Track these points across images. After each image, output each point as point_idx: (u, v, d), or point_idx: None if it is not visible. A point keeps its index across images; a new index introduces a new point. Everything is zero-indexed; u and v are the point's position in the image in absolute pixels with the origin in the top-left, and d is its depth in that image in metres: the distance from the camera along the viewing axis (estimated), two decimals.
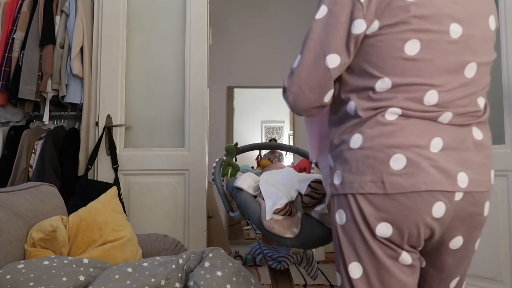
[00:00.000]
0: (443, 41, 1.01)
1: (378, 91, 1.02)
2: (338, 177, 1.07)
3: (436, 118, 1.01)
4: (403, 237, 1.01)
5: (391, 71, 1.00)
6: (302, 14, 4.68)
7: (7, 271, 1.34)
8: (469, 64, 1.03)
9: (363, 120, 1.03)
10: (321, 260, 4.32)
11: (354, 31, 1.01)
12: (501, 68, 2.42)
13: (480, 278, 2.46)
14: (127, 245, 1.81)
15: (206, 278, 1.39)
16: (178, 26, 2.94)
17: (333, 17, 1.02)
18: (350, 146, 1.04)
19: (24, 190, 1.78)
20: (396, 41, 0.99)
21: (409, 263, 1.03)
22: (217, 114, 4.55)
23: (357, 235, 1.03)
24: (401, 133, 0.99)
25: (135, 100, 2.91)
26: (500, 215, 2.40)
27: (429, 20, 0.99)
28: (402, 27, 0.99)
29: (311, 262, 1.80)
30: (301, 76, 1.06)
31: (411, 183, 0.97)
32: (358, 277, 1.03)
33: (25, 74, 2.66)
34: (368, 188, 1.00)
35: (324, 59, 1.03)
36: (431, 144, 0.99)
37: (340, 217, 1.07)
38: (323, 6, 1.04)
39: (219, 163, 1.91)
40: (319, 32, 1.04)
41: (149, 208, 2.80)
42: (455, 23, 1.01)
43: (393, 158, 0.99)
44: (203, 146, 2.85)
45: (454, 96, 1.02)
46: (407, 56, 0.99)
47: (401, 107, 1.00)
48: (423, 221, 0.99)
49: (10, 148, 2.76)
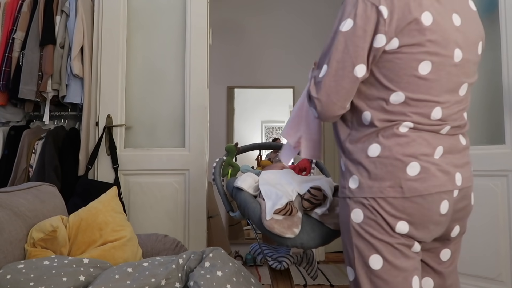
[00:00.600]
0: (448, 64, 1.14)
1: (392, 103, 1.14)
2: (354, 181, 1.18)
3: (439, 130, 1.16)
4: (418, 232, 1.15)
5: (405, 86, 1.12)
6: (302, 14, 4.69)
7: (7, 271, 1.34)
8: (463, 85, 1.19)
9: (379, 129, 1.15)
10: (321, 260, 4.32)
11: (375, 45, 1.11)
12: (501, 68, 2.42)
13: (480, 278, 2.46)
14: (127, 245, 1.81)
15: (206, 278, 1.39)
16: (178, 26, 2.94)
17: (359, 30, 1.10)
18: (368, 155, 1.16)
19: (24, 190, 1.78)
20: (412, 61, 1.11)
21: (418, 250, 1.18)
22: (217, 114, 4.55)
23: (376, 231, 1.15)
24: (414, 143, 1.13)
25: (135, 100, 2.92)
26: (500, 215, 2.40)
27: (439, 44, 1.12)
28: (418, 49, 1.10)
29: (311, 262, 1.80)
30: (330, 86, 1.14)
31: (424, 187, 1.12)
32: (379, 267, 1.15)
33: (25, 74, 2.66)
34: (387, 193, 1.13)
35: (353, 69, 1.12)
36: (436, 152, 1.15)
37: (356, 215, 1.18)
38: (349, 19, 1.12)
39: (219, 163, 1.91)
40: (346, 44, 1.12)
41: (149, 208, 2.80)
42: (458, 49, 1.15)
43: (410, 166, 1.12)
44: (203, 146, 2.86)
45: (452, 112, 1.17)
46: (420, 75, 1.12)
47: (413, 121, 1.13)
48: (434, 218, 1.14)
49: (10, 148, 2.77)
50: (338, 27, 1.14)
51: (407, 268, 1.15)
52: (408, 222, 1.13)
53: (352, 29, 1.11)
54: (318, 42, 4.60)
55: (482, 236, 2.46)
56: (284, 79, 4.68)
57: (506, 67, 2.39)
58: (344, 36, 1.12)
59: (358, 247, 1.17)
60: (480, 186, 2.47)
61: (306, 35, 4.68)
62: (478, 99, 2.61)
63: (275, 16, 4.70)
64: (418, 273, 1.18)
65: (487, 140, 2.54)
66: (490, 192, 2.43)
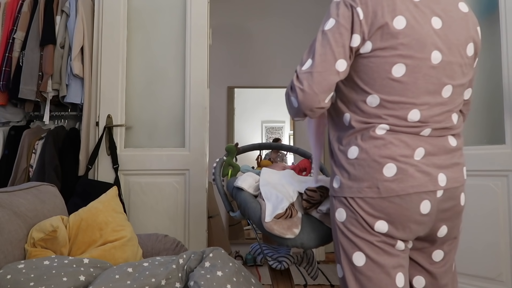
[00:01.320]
0: (425, 66, 1.16)
1: (368, 105, 1.18)
2: (336, 181, 1.25)
3: (418, 132, 1.18)
4: (398, 231, 1.17)
5: (379, 89, 1.16)
6: (302, 14, 4.69)
7: (8, 271, 1.34)
8: (446, 86, 1.20)
9: (357, 131, 1.20)
10: (322, 260, 4.32)
11: (351, 44, 1.16)
12: (501, 68, 2.42)
13: (480, 278, 2.46)
14: (128, 245, 1.81)
15: (207, 278, 1.39)
16: (179, 26, 2.95)
17: (341, 27, 1.16)
18: (348, 157, 1.21)
19: (24, 190, 1.78)
20: (384, 64, 1.15)
21: (402, 248, 1.20)
22: (217, 114, 4.55)
23: (357, 229, 1.19)
24: (390, 145, 1.16)
25: (135, 100, 2.92)
26: (501, 215, 2.40)
27: (414, 48, 1.15)
28: (391, 52, 1.14)
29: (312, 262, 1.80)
30: (313, 77, 1.17)
31: (401, 187, 1.14)
32: (362, 264, 1.19)
33: (26, 74, 2.67)
34: (365, 193, 1.17)
35: (335, 63, 1.16)
36: (415, 153, 1.17)
37: (340, 214, 1.23)
38: (331, 19, 1.18)
39: (219, 163, 1.91)
40: (329, 40, 1.16)
41: (150, 208, 2.80)
42: (436, 51, 1.17)
43: (386, 167, 1.15)
44: (204, 146, 2.86)
45: (433, 113, 1.19)
46: (393, 77, 1.15)
47: (389, 124, 1.17)
48: (414, 217, 1.17)
49: (11, 148, 2.77)
50: (323, 26, 1.20)
51: (390, 265, 1.17)
52: (387, 221, 1.16)
53: (335, 27, 1.16)
54: None
55: (482, 236, 2.46)
56: (285, 79, 4.67)
57: (506, 67, 2.39)
58: (327, 33, 1.17)
59: (342, 244, 1.22)
60: (481, 186, 2.47)
61: (306, 35, 4.67)
62: (478, 99, 2.61)
63: (276, 16, 4.70)
64: (403, 270, 1.20)
65: (487, 140, 2.54)
66: (490, 192, 2.43)
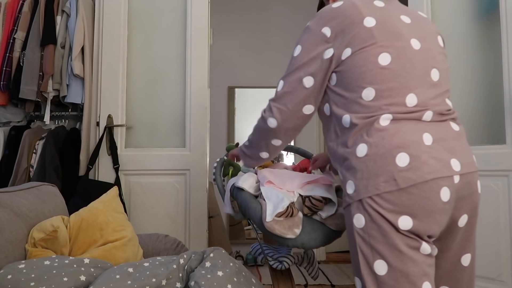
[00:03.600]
0: (408, 52, 1.20)
1: (365, 99, 1.18)
2: (350, 186, 1.18)
3: (420, 117, 1.16)
4: (423, 224, 1.11)
5: (372, 80, 1.17)
6: (303, 14, 4.68)
7: (8, 271, 1.34)
8: (433, 70, 1.22)
9: (361, 127, 1.17)
10: (322, 260, 4.32)
11: (325, 57, 1.23)
12: (502, 68, 2.41)
13: (481, 278, 2.46)
14: (128, 245, 1.81)
15: (207, 278, 1.39)
16: (179, 26, 2.95)
17: (306, 52, 1.26)
18: (357, 156, 1.17)
19: (25, 190, 1.78)
20: (370, 56, 1.18)
21: (428, 252, 1.13)
22: (218, 114, 4.55)
23: (379, 233, 1.12)
24: (398, 134, 1.14)
25: (136, 100, 2.92)
26: (501, 215, 2.39)
27: (391, 38, 1.19)
28: (371, 47, 1.18)
29: (312, 262, 1.80)
30: (286, 95, 1.28)
31: (418, 175, 1.10)
32: (384, 273, 1.11)
33: (26, 74, 2.67)
34: (383, 188, 1.11)
35: (302, 81, 1.25)
36: (423, 139, 1.14)
37: (358, 221, 1.16)
38: (299, 46, 1.28)
39: (220, 163, 1.91)
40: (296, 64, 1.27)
41: (150, 208, 2.80)
42: (414, 39, 1.22)
43: (398, 157, 1.11)
44: (204, 146, 2.86)
45: (429, 96, 1.19)
46: (381, 66, 1.17)
47: (390, 113, 1.15)
48: (437, 206, 1.11)
49: (11, 148, 2.77)
50: (292, 54, 1.30)
51: (415, 273, 1.10)
52: (410, 215, 1.09)
53: (302, 52, 1.26)
54: None
55: (483, 236, 2.45)
56: None
57: (507, 67, 2.39)
58: (296, 59, 1.27)
59: (363, 252, 1.14)
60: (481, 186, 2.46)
61: None
62: (478, 99, 2.61)
63: (276, 16, 4.70)
64: (429, 279, 1.12)
65: (488, 140, 2.54)
66: (491, 192, 2.43)
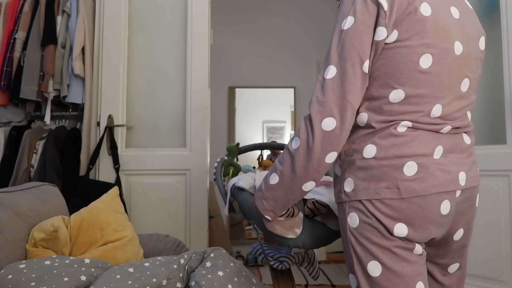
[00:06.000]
0: (449, 57, 1.09)
1: (391, 101, 1.09)
2: (349, 184, 1.14)
3: (438, 130, 1.11)
4: (418, 233, 1.09)
5: (405, 82, 1.07)
6: (304, 13, 4.68)
7: (9, 271, 1.34)
8: (465, 79, 1.14)
9: (376, 131, 1.10)
10: (323, 260, 4.32)
11: (376, 38, 1.06)
12: (503, 68, 2.42)
13: (481, 278, 2.46)
14: (129, 245, 1.81)
15: (208, 278, 1.39)
16: (180, 26, 2.95)
17: (362, 24, 1.06)
18: (363, 156, 1.11)
19: (25, 190, 1.78)
20: (412, 54, 1.06)
21: (420, 252, 1.12)
22: (218, 114, 4.56)
23: (372, 235, 1.09)
24: (412, 143, 1.08)
25: (136, 100, 2.92)
26: (502, 216, 2.39)
27: (439, 36, 1.08)
28: (418, 41, 1.06)
29: (313, 262, 1.79)
30: (342, 85, 1.07)
31: (422, 187, 1.07)
32: (378, 274, 1.09)
33: (27, 74, 2.67)
34: (384, 194, 1.08)
35: (362, 66, 1.07)
36: (435, 151, 1.10)
37: (352, 220, 1.13)
38: (350, 17, 1.08)
39: (220, 163, 1.91)
40: (351, 41, 1.07)
41: (151, 208, 2.80)
42: (458, 41, 1.11)
43: (406, 165, 1.07)
44: (205, 146, 2.86)
45: (453, 109, 1.12)
46: (421, 69, 1.07)
47: (411, 120, 1.09)
48: (434, 218, 1.09)
49: (12, 148, 2.77)
50: (340, 26, 1.09)
51: (409, 274, 1.08)
52: (407, 224, 1.07)
53: (355, 25, 1.06)
54: (320, 41, 4.61)
55: (484, 236, 2.45)
56: (286, 79, 4.68)
57: (507, 66, 2.39)
58: (347, 33, 1.07)
59: (356, 252, 1.12)
60: (482, 186, 2.46)
61: (307, 34, 4.68)
62: (479, 98, 2.60)
63: (277, 16, 4.70)
64: (422, 278, 1.11)
65: (489, 140, 2.54)
66: (492, 192, 2.43)
